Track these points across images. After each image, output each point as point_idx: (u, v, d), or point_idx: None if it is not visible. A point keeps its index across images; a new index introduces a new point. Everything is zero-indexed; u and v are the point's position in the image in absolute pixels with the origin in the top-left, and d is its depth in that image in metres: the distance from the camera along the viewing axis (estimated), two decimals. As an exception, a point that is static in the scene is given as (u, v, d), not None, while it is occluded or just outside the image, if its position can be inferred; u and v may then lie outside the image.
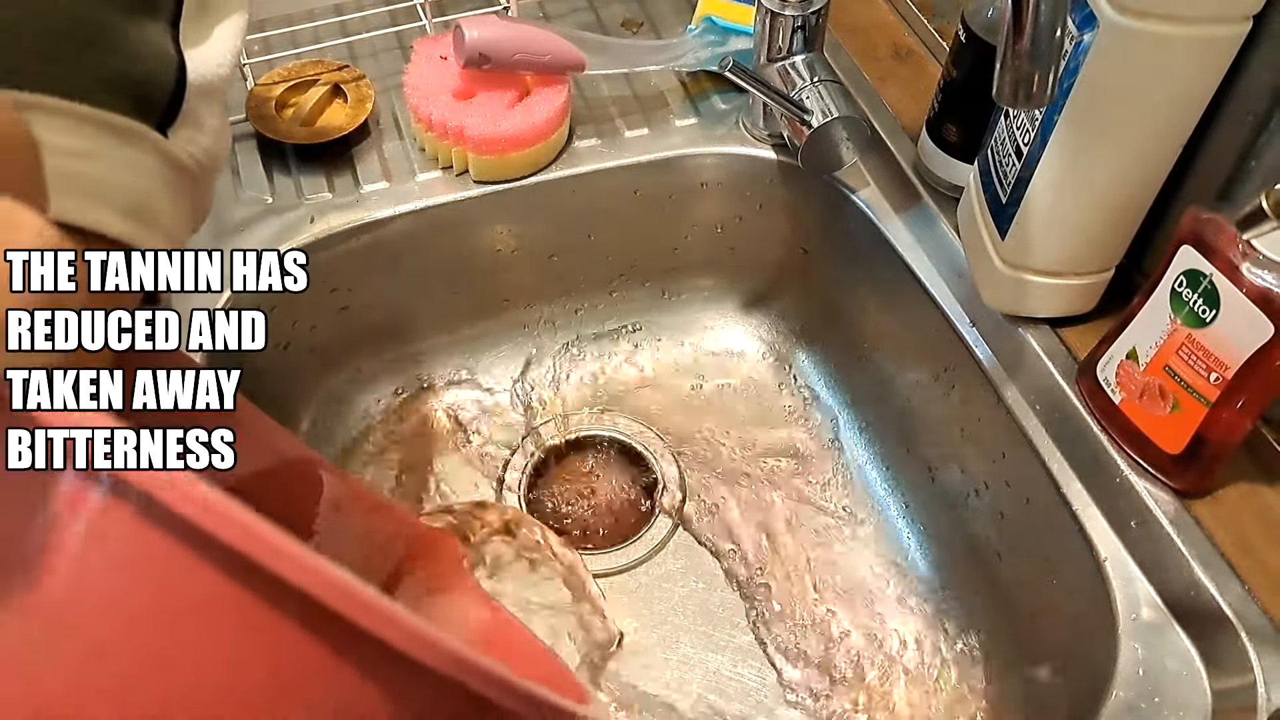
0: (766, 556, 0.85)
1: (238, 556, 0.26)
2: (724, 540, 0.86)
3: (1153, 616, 0.63)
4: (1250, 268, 0.56)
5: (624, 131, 0.88)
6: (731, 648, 0.82)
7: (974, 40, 0.71)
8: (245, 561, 0.26)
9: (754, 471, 0.90)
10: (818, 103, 0.79)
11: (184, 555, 0.26)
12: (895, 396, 0.88)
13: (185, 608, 0.27)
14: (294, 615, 0.27)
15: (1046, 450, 0.70)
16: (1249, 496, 0.64)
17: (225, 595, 0.27)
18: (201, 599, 0.27)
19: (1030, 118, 0.65)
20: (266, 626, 0.28)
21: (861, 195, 0.84)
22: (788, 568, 0.85)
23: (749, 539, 0.86)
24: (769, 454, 0.92)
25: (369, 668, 0.29)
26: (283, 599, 0.27)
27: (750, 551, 0.85)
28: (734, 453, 0.92)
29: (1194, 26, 0.56)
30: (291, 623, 0.28)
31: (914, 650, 0.81)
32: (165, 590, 0.26)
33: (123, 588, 0.25)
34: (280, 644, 0.28)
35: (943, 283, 0.79)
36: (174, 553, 0.26)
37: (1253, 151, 0.62)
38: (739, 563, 0.85)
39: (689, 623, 0.83)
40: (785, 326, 0.98)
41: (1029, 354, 0.72)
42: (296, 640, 0.28)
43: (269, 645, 0.28)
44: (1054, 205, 0.65)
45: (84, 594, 0.25)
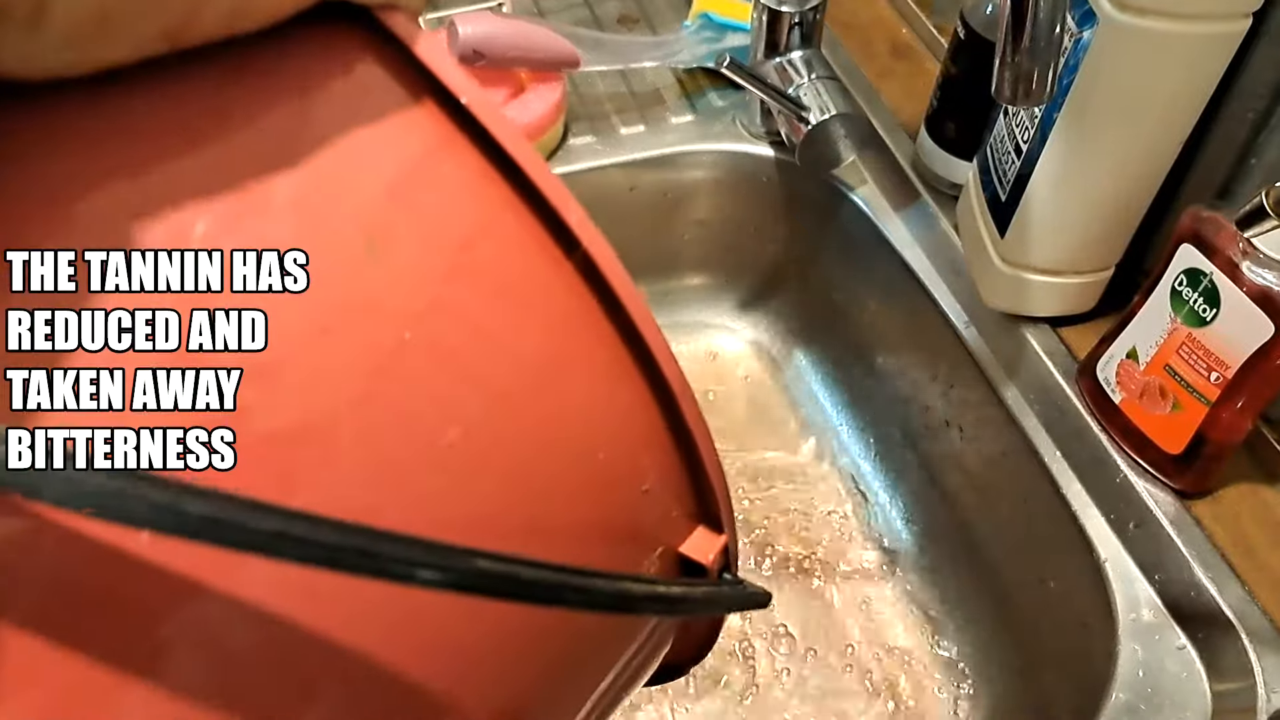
0: (765, 557, 0.85)
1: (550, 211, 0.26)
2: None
3: (1152, 618, 0.63)
4: (1250, 266, 0.56)
5: (620, 129, 0.87)
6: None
7: (973, 37, 0.71)
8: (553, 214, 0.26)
9: (751, 471, 0.90)
10: (815, 100, 0.78)
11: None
12: (893, 396, 0.88)
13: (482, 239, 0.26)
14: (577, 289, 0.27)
15: (1046, 450, 0.70)
16: (1249, 497, 0.64)
17: (523, 240, 0.26)
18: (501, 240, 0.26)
19: (1030, 115, 0.65)
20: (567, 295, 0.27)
21: (859, 193, 0.84)
22: (787, 569, 0.84)
23: (746, 538, 0.86)
24: (766, 454, 0.91)
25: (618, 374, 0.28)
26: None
27: (750, 552, 0.85)
28: (731, 453, 0.91)
29: (1194, 23, 0.56)
30: (576, 295, 0.27)
31: (912, 651, 0.81)
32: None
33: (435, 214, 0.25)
34: (563, 314, 0.27)
35: (941, 281, 0.79)
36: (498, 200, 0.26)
37: (1253, 149, 0.62)
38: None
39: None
40: (782, 326, 0.98)
41: (1028, 353, 0.72)
42: (576, 313, 0.27)
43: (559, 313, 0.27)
44: (1054, 203, 0.65)
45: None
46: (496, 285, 0.26)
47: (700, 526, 0.32)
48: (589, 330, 0.27)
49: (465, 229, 0.26)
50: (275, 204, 0.24)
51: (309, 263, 0.23)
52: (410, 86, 0.26)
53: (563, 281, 0.27)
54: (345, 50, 0.26)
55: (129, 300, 0.22)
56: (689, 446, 0.30)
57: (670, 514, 0.30)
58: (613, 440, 0.28)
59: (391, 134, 0.25)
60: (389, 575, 0.20)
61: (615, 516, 0.28)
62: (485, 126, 0.25)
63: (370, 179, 0.25)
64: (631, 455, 0.28)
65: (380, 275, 0.24)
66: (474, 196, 0.26)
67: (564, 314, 0.27)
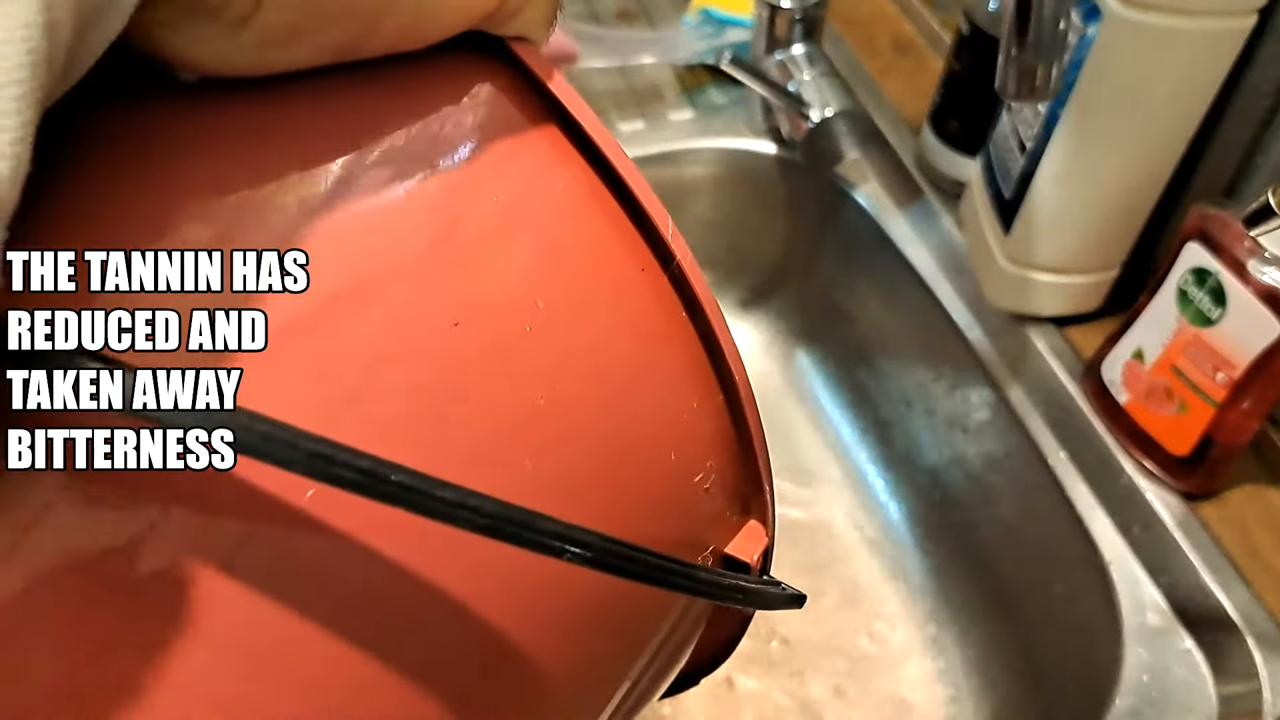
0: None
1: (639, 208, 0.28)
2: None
3: (1158, 621, 0.63)
4: (1257, 265, 0.56)
5: (618, 126, 0.87)
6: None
7: (977, 33, 0.71)
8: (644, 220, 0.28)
9: (773, 481, 0.90)
10: (817, 96, 0.78)
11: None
12: (896, 396, 0.88)
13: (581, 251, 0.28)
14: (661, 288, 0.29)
15: (1050, 452, 0.70)
16: (1256, 499, 0.64)
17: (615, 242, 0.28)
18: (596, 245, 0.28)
19: (1034, 112, 0.64)
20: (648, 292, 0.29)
21: (862, 191, 0.84)
22: (787, 571, 0.84)
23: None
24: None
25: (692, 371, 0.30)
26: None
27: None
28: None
29: (1199, 19, 0.56)
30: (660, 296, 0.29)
31: (913, 654, 0.80)
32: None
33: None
34: (648, 313, 0.29)
35: (945, 280, 0.78)
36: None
37: (1259, 147, 0.62)
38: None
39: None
40: (784, 325, 0.97)
41: (1033, 353, 0.72)
42: (660, 314, 0.29)
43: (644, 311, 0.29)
44: (1059, 201, 0.65)
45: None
46: (600, 291, 0.28)
47: (746, 527, 0.34)
48: (677, 337, 0.29)
49: (575, 238, 0.28)
50: (417, 206, 0.26)
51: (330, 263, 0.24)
52: (532, 107, 0.28)
53: (657, 291, 0.29)
54: (478, 72, 0.28)
55: (129, 300, 0.22)
56: (749, 452, 0.32)
57: (725, 514, 0.33)
58: (684, 441, 0.30)
59: (515, 149, 0.28)
60: (545, 549, 0.23)
61: (680, 514, 0.30)
62: (598, 146, 0.28)
63: (494, 188, 0.27)
64: (701, 457, 0.30)
65: (495, 279, 0.26)
66: (584, 210, 0.28)
67: (657, 321, 0.29)
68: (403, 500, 0.21)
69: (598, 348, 0.28)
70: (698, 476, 0.30)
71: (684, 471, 0.30)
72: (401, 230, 0.25)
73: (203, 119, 0.25)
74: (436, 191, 0.26)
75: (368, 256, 0.25)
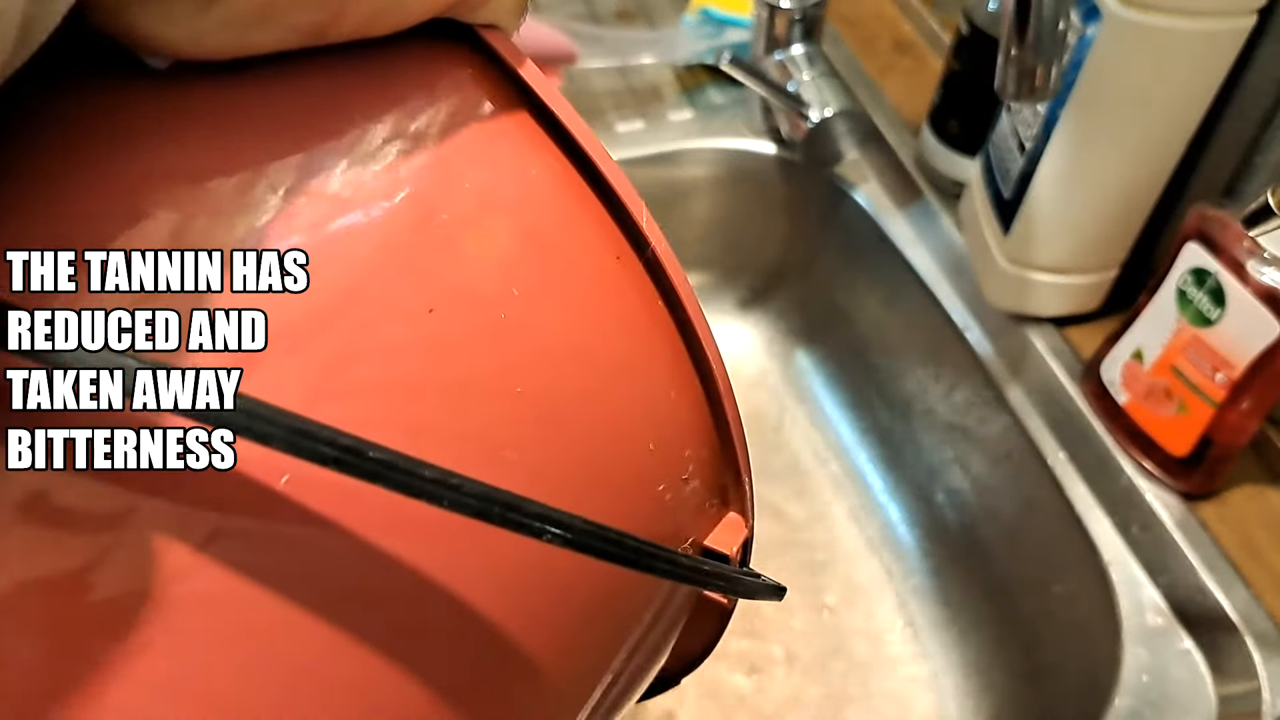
0: (766, 558, 0.85)
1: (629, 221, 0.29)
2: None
3: (1157, 621, 0.63)
4: (1256, 265, 0.56)
5: (617, 126, 0.87)
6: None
7: (976, 33, 0.71)
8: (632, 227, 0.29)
9: (751, 473, 0.90)
10: (816, 97, 0.78)
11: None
12: (896, 396, 0.88)
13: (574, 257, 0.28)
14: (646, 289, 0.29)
15: (1050, 452, 0.70)
16: (1255, 499, 0.64)
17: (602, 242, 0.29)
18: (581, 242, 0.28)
19: (1034, 112, 0.64)
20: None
21: (861, 191, 0.84)
22: (787, 572, 0.84)
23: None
24: (767, 455, 0.91)
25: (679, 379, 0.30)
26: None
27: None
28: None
29: (1199, 20, 0.56)
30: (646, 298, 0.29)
31: (914, 655, 0.80)
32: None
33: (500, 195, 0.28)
34: (637, 318, 0.29)
35: (944, 280, 0.78)
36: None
37: (1259, 147, 0.62)
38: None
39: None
40: (783, 325, 0.97)
41: (1033, 354, 0.72)
42: (650, 321, 0.29)
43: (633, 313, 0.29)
44: (1058, 201, 0.65)
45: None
46: (575, 278, 0.28)
47: (726, 519, 0.34)
48: (653, 326, 0.29)
49: (550, 226, 0.28)
50: (392, 194, 0.26)
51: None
52: (504, 94, 0.28)
53: (633, 279, 0.29)
54: (449, 59, 0.28)
55: (129, 300, 0.22)
56: (727, 443, 0.32)
57: (705, 505, 0.33)
58: (662, 431, 0.30)
59: (488, 136, 0.28)
60: (526, 530, 0.23)
61: (659, 504, 0.30)
62: (570, 133, 0.28)
63: (468, 175, 0.27)
64: (679, 446, 0.30)
65: (471, 266, 0.26)
66: (558, 197, 0.28)
67: (633, 309, 0.29)
68: (384, 478, 0.21)
69: (574, 335, 0.28)
70: (676, 466, 0.31)
71: (663, 461, 0.30)
72: (378, 219, 0.25)
73: (173, 103, 0.25)
74: (409, 178, 0.26)
75: (347, 246, 0.25)
